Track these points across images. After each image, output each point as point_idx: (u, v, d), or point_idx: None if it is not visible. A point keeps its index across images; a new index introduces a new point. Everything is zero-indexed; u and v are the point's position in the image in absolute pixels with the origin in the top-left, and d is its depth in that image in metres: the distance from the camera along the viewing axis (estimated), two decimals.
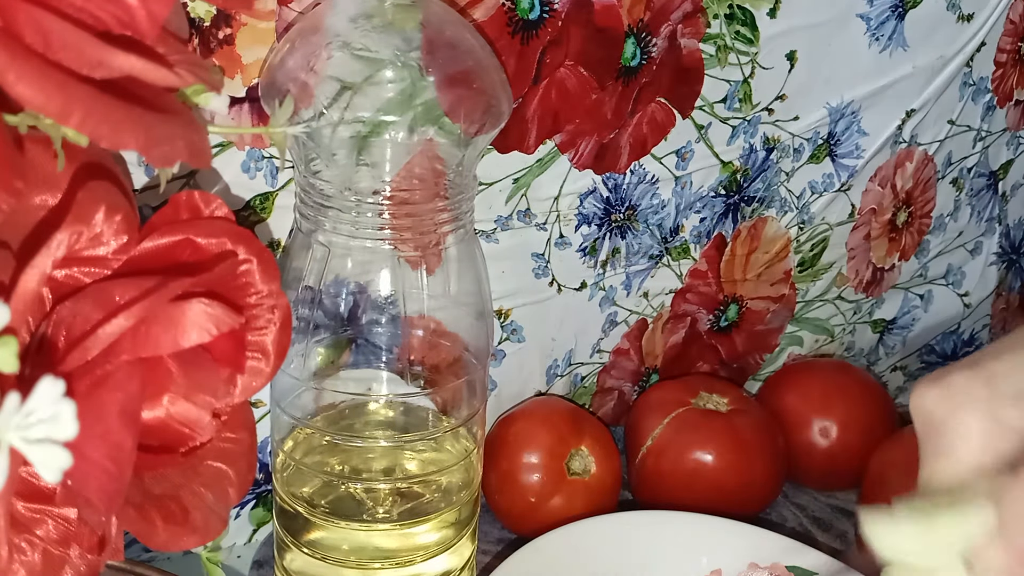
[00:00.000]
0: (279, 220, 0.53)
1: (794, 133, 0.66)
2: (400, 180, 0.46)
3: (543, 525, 0.57)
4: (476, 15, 0.52)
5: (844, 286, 0.74)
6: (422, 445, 0.52)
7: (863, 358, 0.80)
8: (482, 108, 0.46)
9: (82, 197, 0.34)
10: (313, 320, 0.49)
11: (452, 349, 0.51)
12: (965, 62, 0.70)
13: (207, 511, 0.38)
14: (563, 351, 0.65)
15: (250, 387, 0.39)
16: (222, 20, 0.47)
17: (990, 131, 0.76)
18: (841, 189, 0.70)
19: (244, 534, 0.60)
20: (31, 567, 0.33)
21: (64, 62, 0.28)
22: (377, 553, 0.50)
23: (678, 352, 0.70)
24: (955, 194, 0.77)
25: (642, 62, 0.58)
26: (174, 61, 0.32)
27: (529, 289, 0.62)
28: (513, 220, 0.59)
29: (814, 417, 0.67)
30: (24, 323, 0.33)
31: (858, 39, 0.65)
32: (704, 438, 0.62)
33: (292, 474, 0.50)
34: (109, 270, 0.35)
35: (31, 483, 0.34)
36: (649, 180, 0.62)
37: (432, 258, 0.48)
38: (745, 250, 0.68)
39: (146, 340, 0.33)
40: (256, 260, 0.38)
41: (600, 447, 0.61)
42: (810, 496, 0.68)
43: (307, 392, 0.50)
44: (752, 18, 0.60)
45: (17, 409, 0.24)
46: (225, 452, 0.39)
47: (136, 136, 0.29)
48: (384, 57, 0.44)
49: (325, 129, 0.44)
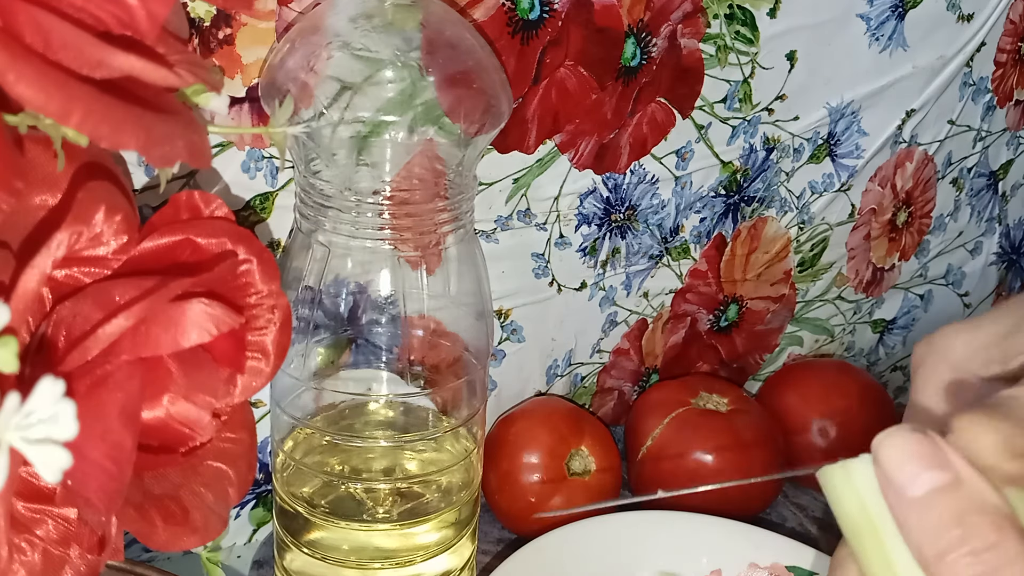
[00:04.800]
0: (279, 220, 0.53)
1: (794, 133, 0.66)
2: (400, 180, 0.46)
3: (543, 525, 0.57)
4: (476, 15, 0.52)
5: (844, 286, 0.74)
6: (422, 445, 0.52)
7: (863, 358, 0.80)
8: (482, 108, 0.46)
9: (82, 197, 0.34)
10: (313, 320, 0.49)
11: (452, 349, 0.51)
12: (965, 62, 0.70)
13: (207, 511, 0.38)
14: (563, 351, 0.65)
15: (250, 387, 0.39)
16: (222, 20, 0.47)
17: (990, 131, 0.76)
18: (841, 189, 0.70)
19: (244, 534, 0.60)
20: (31, 567, 0.33)
21: (64, 62, 0.28)
22: (377, 553, 0.50)
23: (678, 352, 0.70)
24: (955, 194, 0.77)
25: (642, 62, 0.58)
26: (174, 61, 0.32)
27: (529, 289, 0.62)
28: (513, 220, 0.59)
29: (814, 417, 0.67)
30: (24, 323, 0.33)
31: (858, 39, 0.65)
32: (704, 438, 0.62)
33: (292, 474, 0.50)
34: (109, 270, 0.35)
35: (31, 483, 0.34)
36: (649, 180, 0.62)
37: (432, 258, 0.48)
38: (745, 250, 0.68)
39: (146, 340, 0.33)
40: (256, 260, 0.38)
41: (600, 447, 0.61)
42: (810, 496, 0.68)
43: (307, 392, 0.50)
44: (752, 18, 0.60)
45: (17, 409, 0.24)
46: (225, 452, 0.39)
47: (136, 136, 0.29)
48: (384, 57, 0.44)
49: (325, 129, 0.44)
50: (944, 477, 0.27)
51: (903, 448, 0.28)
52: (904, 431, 0.28)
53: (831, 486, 0.30)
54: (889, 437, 0.28)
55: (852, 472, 0.29)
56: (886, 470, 0.28)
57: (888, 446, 0.28)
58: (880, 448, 0.28)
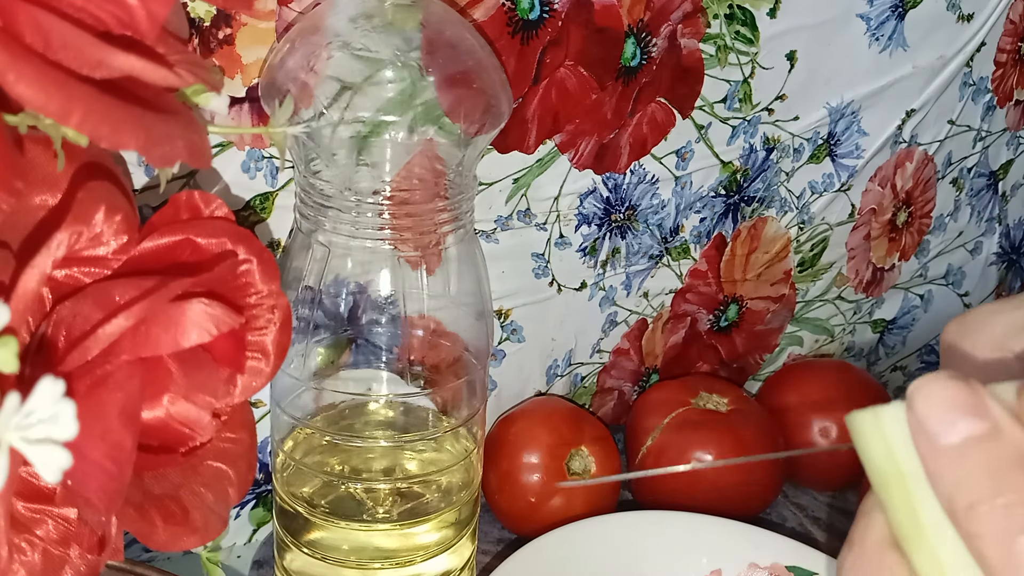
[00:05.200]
0: (279, 220, 0.53)
1: (794, 133, 0.66)
2: (400, 180, 0.46)
3: (543, 525, 0.57)
4: (476, 15, 0.52)
5: (844, 286, 0.74)
6: (422, 445, 0.52)
7: (863, 358, 0.80)
8: (482, 108, 0.46)
9: (82, 197, 0.34)
10: (313, 320, 0.49)
11: (452, 349, 0.51)
12: (965, 62, 0.70)
13: (207, 511, 0.38)
14: (563, 351, 0.65)
15: (250, 387, 0.39)
16: (222, 20, 0.47)
17: (990, 131, 0.76)
18: (841, 189, 0.70)
19: (244, 534, 0.60)
20: (31, 567, 0.33)
21: (64, 62, 0.27)
22: (377, 553, 0.50)
23: (678, 352, 0.70)
24: (955, 194, 0.77)
25: (642, 62, 0.58)
26: (174, 61, 0.32)
27: (529, 289, 0.62)
28: (513, 220, 0.59)
29: (814, 417, 0.67)
30: (24, 323, 0.33)
31: (858, 39, 0.65)
32: (704, 438, 0.62)
33: (292, 474, 0.50)
34: (109, 270, 0.35)
35: (31, 483, 0.34)
36: (649, 180, 0.62)
37: (432, 258, 0.48)
38: (745, 250, 0.68)
39: (146, 340, 0.33)
40: (256, 260, 0.38)
41: (600, 447, 0.61)
42: (810, 496, 0.68)
43: (307, 392, 0.50)
44: (752, 18, 0.60)
45: (17, 409, 0.24)
46: (225, 452, 0.39)
47: (136, 136, 0.29)
48: (384, 57, 0.44)
49: (325, 129, 0.44)
50: (982, 426, 0.25)
51: (941, 394, 0.26)
52: (942, 377, 0.26)
53: (859, 432, 0.28)
54: (927, 383, 0.26)
55: (882, 418, 0.28)
56: (920, 416, 0.26)
57: (925, 391, 0.26)
58: (916, 393, 0.26)
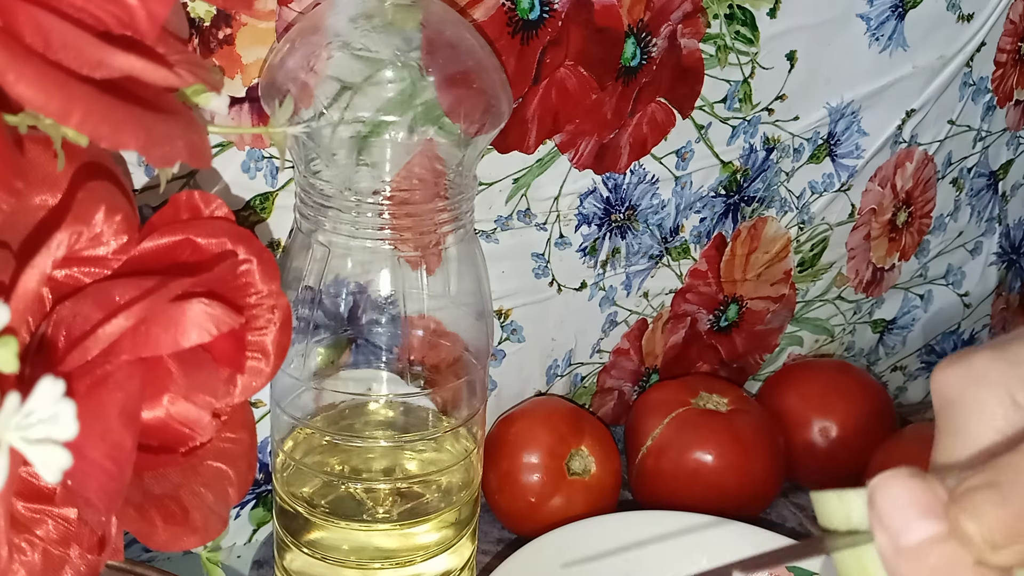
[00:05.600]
0: (279, 220, 0.53)
1: (794, 133, 0.66)
2: (400, 180, 0.46)
3: (543, 525, 0.57)
4: (476, 15, 0.52)
5: (844, 286, 0.74)
6: (422, 445, 0.52)
7: (863, 358, 0.80)
8: (482, 108, 0.46)
9: (82, 197, 0.34)
10: (313, 320, 0.49)
11: (452, 349, 0.51)
12: (965, 62, 0.70)
13: (207, 511, 0.38)
14: (563, 351, 0.65)
15: (250, 387, 0.39)
16: (222, 20, 0.47)
17: (990, 131, 0.76)
18: (841, 189, 0.70)
19: (244, 534, 0.60)
20: (31, 567, 0.33)
21: (64, 62, 0.28)
22: (377, 553, 0.50)
23: (678, 352, 0.70)
24: (955, 194, 0.77)
25: (642, 62, 0.58)
26: (174, 61, 0.32)
27: (529, 289, 0.62)
28: (513, 220, 0.59)
29: (814, 417, 0.67)
30: (24, 323, 0.33)
31: (858, 39, 0.65)
32: (704, 438, 0.62)
33: (292, 474, 0.50)
34: (109, 270, 0.35)
35: (31, 483, 0.34)
36: (649, 180, 0.62)
37: (432, 258, 0.48)
38: (745, 250, 0.68)
39: (146, 340, 0.33)
40: (256, 260, 0.38)
41: (600, 447, 0.61)
42: (810, 496, 0.68)
43: (307, 392, 0.50)
44: (752, 18, 0.60)
45: (17, 409, 0.24)
46: (225, 452, 0.39)
47: (136, 136, 0.29)
48: (384, 57, 0.44)
49: (325, 129, 0.44)
50: (939, 528, 0.26)
51: (901, 494, 0.27)
52: (903, 475, 0.27)
53: (824, 513, 0.29)
54: (888, 480, 0.27)
55: (848, 503, 0.28)
56: (880, 513, 0.27)
57: (885, 489, 0.27)
58: (876, 491, 0.27)
